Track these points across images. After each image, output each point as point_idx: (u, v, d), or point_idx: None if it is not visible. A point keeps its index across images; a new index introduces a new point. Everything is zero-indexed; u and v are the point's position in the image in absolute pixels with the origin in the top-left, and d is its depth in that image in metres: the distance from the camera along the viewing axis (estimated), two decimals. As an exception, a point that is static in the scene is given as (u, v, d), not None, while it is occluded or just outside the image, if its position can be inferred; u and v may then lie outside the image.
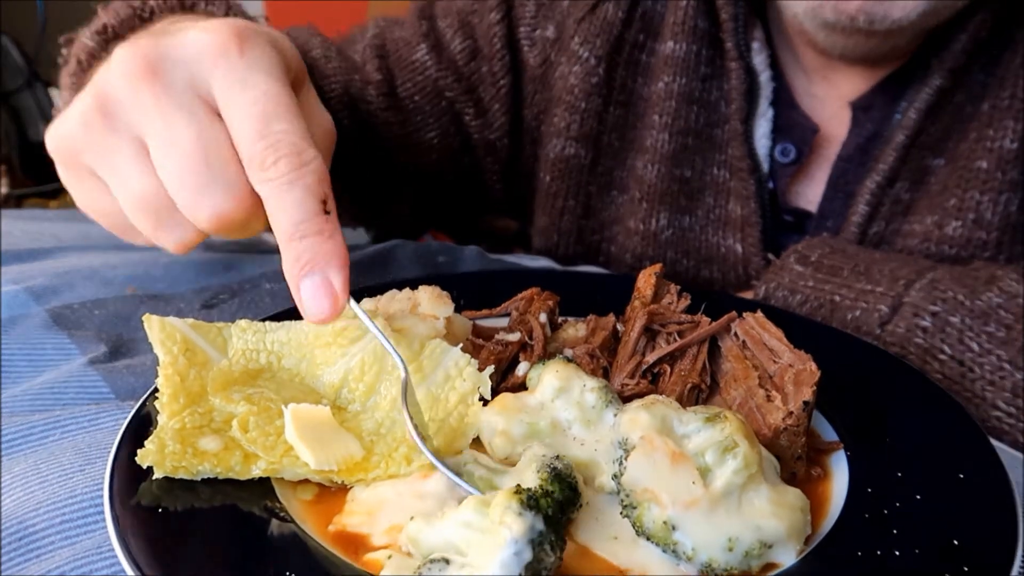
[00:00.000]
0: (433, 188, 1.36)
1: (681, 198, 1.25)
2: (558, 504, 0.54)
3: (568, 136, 1.26)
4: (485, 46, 1.27)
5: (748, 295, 1.06)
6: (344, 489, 0.62)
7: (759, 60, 1.18)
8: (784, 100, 1.20)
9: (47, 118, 2.84)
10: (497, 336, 0.77)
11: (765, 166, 1.19)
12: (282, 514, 0.58)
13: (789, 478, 0.64)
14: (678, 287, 0.83)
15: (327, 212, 0.64)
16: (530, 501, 0.51)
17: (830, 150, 1.20)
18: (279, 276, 1.00)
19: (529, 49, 1.28)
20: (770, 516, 0.55)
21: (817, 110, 1.20)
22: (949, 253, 1.09)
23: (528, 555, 0.50)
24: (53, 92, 2.88)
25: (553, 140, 1.28)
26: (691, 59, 1.20)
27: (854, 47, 1.08)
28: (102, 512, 0.60)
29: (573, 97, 1.24)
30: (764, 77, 1.18)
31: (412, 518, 0.56)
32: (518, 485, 0.54)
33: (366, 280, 1.03)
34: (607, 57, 1.22)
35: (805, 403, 0.65)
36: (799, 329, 0.75)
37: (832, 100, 1.19)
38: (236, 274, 1.04)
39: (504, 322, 0.82)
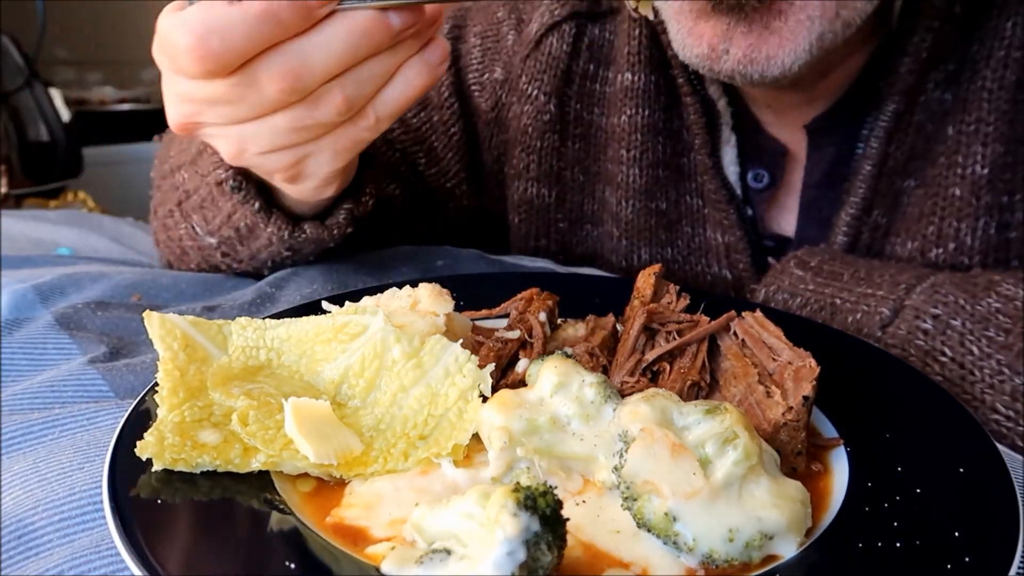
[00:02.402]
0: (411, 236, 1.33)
1: (660, 231, 1.23)
2: (557, 503, 0.54)
3: (528, 177, 1.25)
4: (434, 96, 1.28)
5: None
6: (342, 483, 0.62)
7: (713, 89, 1.15)
8: (748, 125, 1.18)
9: (47, 118, 2.86)
10: (497, 334, 0.77)
11: (739, 192, 1.18)
12: (281, 506, 0.57)
13: (789, 473, 0.63)
14: (677, 287, 0.83)
15: None
16: (527, 501, 0.51)
17: (797, 176, 1.18)
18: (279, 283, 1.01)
19: (479, 94, 1.28)
20: (771, 507, 0.54)
21: (781, 135, 1.17)
22: None
23: (522, 555, 0.49)
24: (53, 92, 2.90)
25: (515, 183, 1.27)
26: (651, 89, 1.18)
27: (754, 93, 1.04)
28: (100, 510, 0.59)
29: (528, 137, 1.23)
30: (721, 104, 1.16)
31: (417, 504, 0.56)
32: (517, 483, 0.53)
33: (366, 282, 1.04)
34: (556, 92, 1.21)
35: (805, 398, 0.65)
36: (798, 330, 0.75)
37: (787, 125, 1.16)
38: (240, 294, 1.04)
39: (503, 323, 0.82)
